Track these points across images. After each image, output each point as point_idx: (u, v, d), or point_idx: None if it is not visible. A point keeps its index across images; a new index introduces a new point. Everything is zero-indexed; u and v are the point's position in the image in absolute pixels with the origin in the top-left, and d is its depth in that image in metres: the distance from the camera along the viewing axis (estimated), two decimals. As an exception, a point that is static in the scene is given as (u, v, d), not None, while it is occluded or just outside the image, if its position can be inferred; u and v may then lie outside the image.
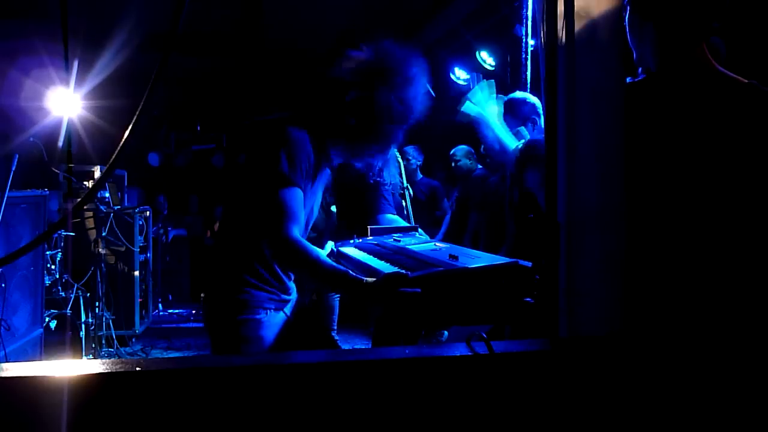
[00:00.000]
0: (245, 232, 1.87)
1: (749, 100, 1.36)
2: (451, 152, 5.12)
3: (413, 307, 1.49)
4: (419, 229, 2.34)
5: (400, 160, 3.08)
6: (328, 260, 1.72)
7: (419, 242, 2.09)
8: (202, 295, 1.99)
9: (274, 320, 1.88)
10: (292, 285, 1.98)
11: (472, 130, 2.50)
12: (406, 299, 1.49)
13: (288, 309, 1.96)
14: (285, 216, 1.72)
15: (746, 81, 1.39)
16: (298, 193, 1.78)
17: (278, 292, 1.90)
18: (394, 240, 2.14)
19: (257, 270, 1.86)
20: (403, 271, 1.59)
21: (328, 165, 2.00)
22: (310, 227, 2.08)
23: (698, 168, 1.34)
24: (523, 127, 2.67)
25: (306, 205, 1.87)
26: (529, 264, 1.46)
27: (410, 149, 5.18)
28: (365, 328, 5.61)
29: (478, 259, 1.65)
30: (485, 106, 2.44)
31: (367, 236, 2.28)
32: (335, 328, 4.77)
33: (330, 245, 2.15)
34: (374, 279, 1.59)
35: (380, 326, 2.38)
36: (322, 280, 1.72)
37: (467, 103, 2.42)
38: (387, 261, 1.84)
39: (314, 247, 1.75)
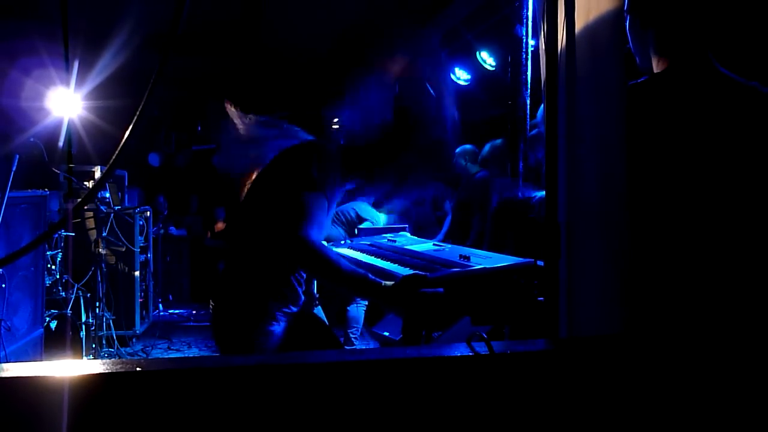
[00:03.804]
0: (263, 244, 1.86)
1: (751, 101, 1.37)
2: (456, 151, 5.08)
3: (435, 308, 1.49)
4: (408, 229, 2.36)
5: None
6: (347, 263, 1.70)
7: (415, 242, 2.09)
8: (211, 304, 1.98)
9: (282, 329, 1.88)
10: (302, 296, 1.98)
11: (473, 132, 2.55)
12: (428, 300, 1.48)
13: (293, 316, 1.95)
14: (309, 219, 1.69)
15: (748, 83, 1.39)
16: (324, 202, 1.77)
17: (291, 305, 1.89)
18: (388, 240, 2.14)
19: (273, 283, 1.85)
20: (420, 272, 1.59)
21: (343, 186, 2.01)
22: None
23: (700, 169, 1.34)
24: None
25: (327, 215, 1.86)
26: (540, 264, 1.46)
27: None
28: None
29: (489, 259, 1.66)
30: None
31: (357, 236, 2.28)
32: (358, 336, 4.78)
33: None
34: (392, 282, 1.58)
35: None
36: (342, 283, 1.68)
37: None
38: (393, 262, 1.84)
39: (334, 251, 1.73)
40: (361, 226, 2.36)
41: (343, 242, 2.24)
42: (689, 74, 1.41)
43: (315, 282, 2.23)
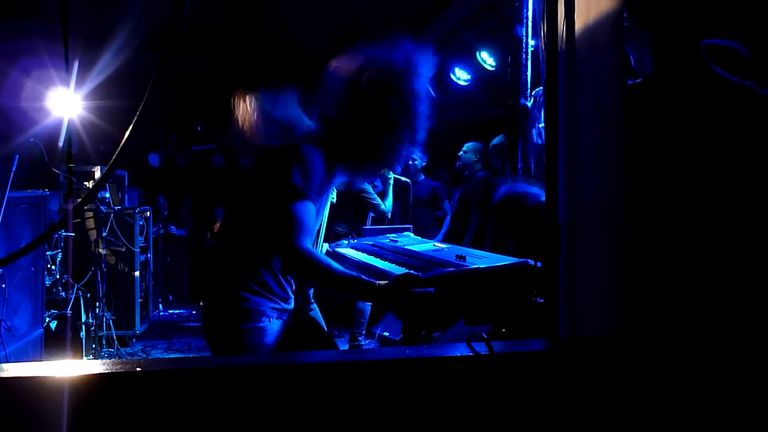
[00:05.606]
0: (250, 241, 1.86)
1: (746, 102, 1.37)
2: (465, 147, 5.00)
3: (426, 308, 1.49)
4: (411, 229, 2.37)
5: None
6: (340, 267, 1.72)
7: (417, 242, 2.09)
8: (201, 303, 1.98)
9: (275, 327, 1.87)
10: (291, 294, 1.98)
11: (473, 132, 2.55)
12: (419, 300, 1.49)
13: (286, 315, 1.95)
14: (298, 229, 1.72)
15: (743, 83, 1.40)
16: (311, 207, 1.78)
17: (279, 300, 1.89)
18: (391, 240, 2.15)
19: (260, 278, 1.85)
20: (413, 272, 1.60)
21: (334, 180, 2.01)
22: (321, 239, 2.09)
23: (697, 169, 1.34)
24: None
25: (317, 219, 1.87)
26: (540, 264, 1.46)
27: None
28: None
29: (485, 259, 1.66)
30: None
31: (362, 236, 2.29)
32: (363, 332, 4.76)
33: (324, 247, 2.15)
34: (386, 281, 1.59)
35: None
36: (337, 288, 1.71)
37: None
38: (390, 262, 1.84)
39: (325, 257, 1.75)
40: (366, 227, 2.38)
41: (346, 242, 2.25)
42: (685, 75, 1.41)
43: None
